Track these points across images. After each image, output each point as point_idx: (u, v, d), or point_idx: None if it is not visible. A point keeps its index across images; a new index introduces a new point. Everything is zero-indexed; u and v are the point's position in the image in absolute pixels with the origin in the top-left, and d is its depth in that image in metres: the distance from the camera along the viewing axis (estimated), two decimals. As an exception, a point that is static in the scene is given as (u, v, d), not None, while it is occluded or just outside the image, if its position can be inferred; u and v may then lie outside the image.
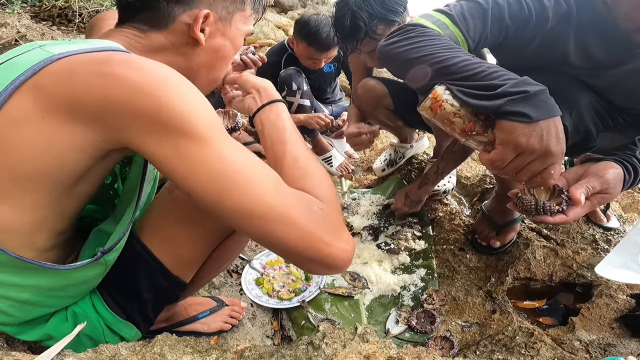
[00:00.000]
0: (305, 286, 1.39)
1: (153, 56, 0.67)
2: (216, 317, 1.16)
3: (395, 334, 1.24)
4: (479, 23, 0.95)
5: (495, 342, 1.12)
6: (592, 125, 1.00)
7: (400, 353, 0.79)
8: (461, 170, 1.87)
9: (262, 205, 0.59)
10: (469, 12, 0.95)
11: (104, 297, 0.84)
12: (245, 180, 0.59)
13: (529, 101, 0.74)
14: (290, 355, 0.83)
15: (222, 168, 0.59)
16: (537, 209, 0.86)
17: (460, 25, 0.94)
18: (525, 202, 0.88)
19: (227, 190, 0.58)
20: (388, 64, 1.04)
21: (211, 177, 0.58)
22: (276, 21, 4.32)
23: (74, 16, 2.77)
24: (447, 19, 0.95)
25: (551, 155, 0.75)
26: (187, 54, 0.72)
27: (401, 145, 1.98)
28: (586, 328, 1.14)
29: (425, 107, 0.82)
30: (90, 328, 0.81)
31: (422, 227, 1.64)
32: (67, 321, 0.81)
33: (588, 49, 0.94)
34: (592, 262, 1.34)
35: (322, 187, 0.68)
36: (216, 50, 0.74)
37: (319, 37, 1.88)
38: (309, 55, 1.96)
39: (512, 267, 1.36)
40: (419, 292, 1.38)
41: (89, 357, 0.77)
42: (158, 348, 0.83)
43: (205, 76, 0.76)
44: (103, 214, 0.88)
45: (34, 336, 0.79)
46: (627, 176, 0.92)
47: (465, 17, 0.95)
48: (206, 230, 0.85)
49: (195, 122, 0.59)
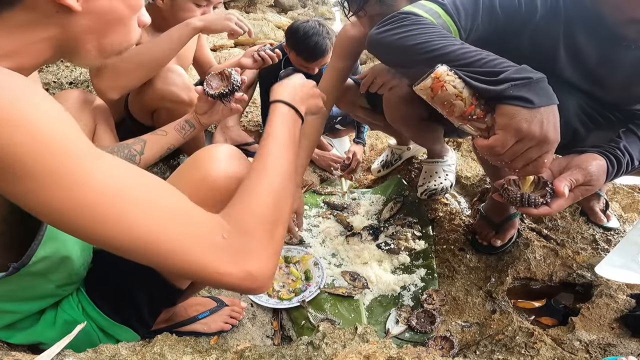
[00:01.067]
0: (305, 286, 1.39)
1: (20, 37, 0.56)
2: (216, 318, 1.16)
3: (395, 334, 1.24)
4: (470, 12, 0.95)
5: (495, 342, 1.12)
6: (580, 126, 1.01)
7: (400, 353, 0.79)
8: (461, 170, 1.87)
9: (146, 239, 0.54)
10: (461, 1, 0.96)
11: (96, 302, 0.83)
12: (120, 210, 0.53)
13: (532, 87, 0.75)
14: (290, 355, 0.83)
15: (93, 198, 0.51)
16: (522, 201, 0.88)
17: (452, 15, 0.94)
18: (511, 193, 0.90)
19: (100, 222, 0.52)
20: (380, 51, 1.03)
21: (83, 210, 0.51)
22: (276, 21, 4.32)
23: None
24: (439, 8, 0.95)
25: (548, 143, 0.76)
26: (64, 24, 0.59)
27: (398, 147, 1.98)
28: (586, 328, 1.14)
29: (425, 86, 0.79)
30: (82, 332, 0.80)
31: (422, 227, 1.64)
32: (54, 327, 0.81)
33: (577, 45, 0.95)
34: (592, 262, 1.34)
35: (257, 208, 0.65)
36: (101, 14, 0.62)
37: (307, 46, 1.83)
38: (299, 63, 1.93)
39: (512, 267, 1.36)
40: (419, 292, 1.38)
41: (89, 357, 0.77)
42: (158, 348, 0.83)
43: (96, 43, 0.64)
44: None
45: (22, 340, 0.80)
46: (610, 168, 0.92)
47: (457, 6, 0.95)
48: None
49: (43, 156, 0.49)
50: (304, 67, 1.92)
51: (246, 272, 0.59)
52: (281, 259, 1.51)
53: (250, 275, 0.60)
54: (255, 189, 0.68)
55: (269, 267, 0.63)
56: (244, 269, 0.59)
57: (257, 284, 0.61)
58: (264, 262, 0.62)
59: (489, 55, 0.81)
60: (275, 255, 0.65)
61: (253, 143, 2.01)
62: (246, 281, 0.60)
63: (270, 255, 0.64)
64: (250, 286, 0.61)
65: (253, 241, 0.62)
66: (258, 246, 0.62)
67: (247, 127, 2.25)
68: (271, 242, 0.64)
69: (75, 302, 0.83)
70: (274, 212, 0.66)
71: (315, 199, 1.90)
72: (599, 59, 0.97)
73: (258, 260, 0.62)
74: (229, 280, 0.59)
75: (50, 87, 2.18)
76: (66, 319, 0.82)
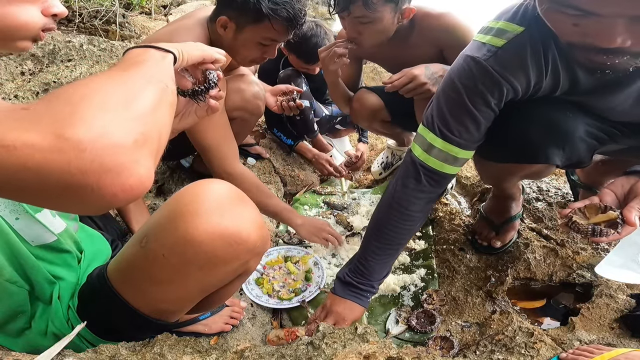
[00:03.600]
0: (305, 286, 1.39)
1: None
2: (217, 318, 1.16)
3: (395, 334, 1.24)
4: (466, 120, 0.99)
5: (495, 342, 1.12)
6: (586, 153, 1.04)
7: (400, 353, 0.79)
8: (461, 170, 1.87)
9: None
10: (450, 113, 1.00)
11: (87, 325, 0.81)
12: None
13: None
14: (290, 355, 0.83)
15: None
16: (594, 233, 0.90)
17: (449, 139, 1.01)
18: (581, 227, 0.91)
19: None
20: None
21: None
22: (276, 21, 4.31)
23: (74, 16, 2.76)
24: (434, 135, 1.03)
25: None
26: None
27: (398, 148, 1.98)
28: (586, 328, 1.14)
29: None
30: (72, 346, 0.80)
31: (422, 227, 1.64)
32: (46, 337, 0.81)
33: (576, 77, 0.95)
34: (592, 262, 1.34)
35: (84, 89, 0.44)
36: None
37: (306, 49, 1.83)
38: (299, 65, 1.93)
39: (512, 267, 1.36)
40: (419, 292, 1.38)
41: (89, 357, 0.77)
42: (158, 348, 0.83)
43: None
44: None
45: (15, 347, 0.80)
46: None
47: (448, 126, 1.00)
48: (187, 291, 0.78)
49: None
50: (304, 68, 1.92)
51: (59, 137, 0.38)
52: (281, 258, 1.51)
53: (61, 137, 0.38)
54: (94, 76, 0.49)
55: (107, 128, 0.40)
56: (53, 133, 0.39)
57: (88, 155, 0.39)
58: (93, 122, 0.40)
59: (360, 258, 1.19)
60: (123, 124, 0.42)
61: (254, 144, 2.01)
62: (59, 149, 0.38)
63: (105, 120, 0.41)
64: (73, 158, 0.38)
65: (71, 104, 0.41)
66: (84, 108, 0.41)
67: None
68: (109, 107, 0.43)
69: (65, 318, 0.82)
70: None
71: (315, 199, 1.90)
72: (594, 89, 0.96)
73: (79, 119, 0.40)
74: (28, 155, 0.38)
75: (50, 87, 2.18)
76: (56, 332, 0.82)
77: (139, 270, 0.76)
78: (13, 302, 0.78)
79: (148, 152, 0.44)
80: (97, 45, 2.68)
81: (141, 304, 0.78)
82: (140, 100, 0.47)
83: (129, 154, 0.41)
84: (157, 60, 0.59)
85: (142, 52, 0.59)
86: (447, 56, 1.43)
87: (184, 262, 0.70)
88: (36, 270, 0.78)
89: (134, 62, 0.56)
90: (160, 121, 0.48)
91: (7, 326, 0.80)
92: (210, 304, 0.94)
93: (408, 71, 1.33)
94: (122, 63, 0.56)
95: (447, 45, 1.42)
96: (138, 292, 0.78)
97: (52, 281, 0.82)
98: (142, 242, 0.73)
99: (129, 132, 0.42)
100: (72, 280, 0.86)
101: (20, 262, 0.76)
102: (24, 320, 0.81)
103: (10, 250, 0.74)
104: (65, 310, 0.82)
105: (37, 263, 0.78)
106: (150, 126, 0.45)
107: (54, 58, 2.54)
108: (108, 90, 0.45)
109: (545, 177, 1.62)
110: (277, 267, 1.47)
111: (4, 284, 0.74)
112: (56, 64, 2.29)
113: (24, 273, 0.77)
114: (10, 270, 0.74)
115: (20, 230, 0.75)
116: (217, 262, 0.72)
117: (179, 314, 0.87)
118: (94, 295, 0.82)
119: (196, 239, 0.67)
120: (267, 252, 1.51)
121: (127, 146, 0.41)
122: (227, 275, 0.79)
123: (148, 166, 0.43)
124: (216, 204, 0.70)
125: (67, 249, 0.84)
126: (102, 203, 0.41)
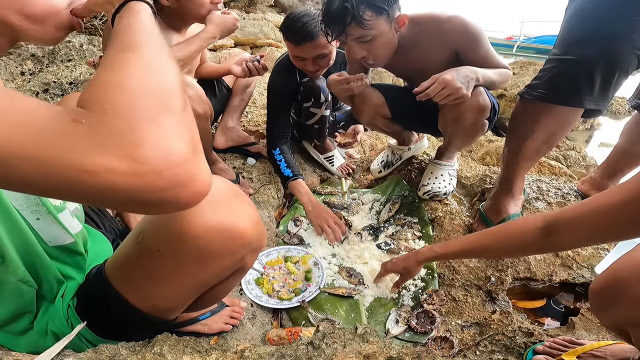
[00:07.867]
0: (305, 286, 1.39)
1: None
2: (217, 318, 1.16)
3: (395, 334, 1.24)
4: None
5: (495, 342, 1.12)
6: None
7: (400, 353, 0.79)
8: (461, 170, 1.87)
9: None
10: None
11: (87, 324, 0.82)
12: None
13: None
14: (290, 355, 0.83)
15: None
16: None
17: None
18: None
19: None
20: None
21: None
22: (276, 21, 4.32)
23: (74, 16, 2.76)
24: None
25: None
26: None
27: (399, 147, 1.98)
28: (586, 328, 1.14)
29: None
30: (71, 345, 0.80)
31: (422, 227, 1.64)
32: (46, 336, 0.81)
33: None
34: (592, 262, 1.34)
35: (125, 82, 0.45)
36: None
37: (293, 27, 1.63)
38: (292, 53, 1.74)
39: (512, 267, 1.36)
40: (419, 292, 1.38)
41: (89, 357, 0.77)
42: (158, 348, 0.83)
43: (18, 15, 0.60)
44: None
45: (17, 346, 0.81)
46: None
47: None
48: (183, 286, 0.78)
49: None
50: (297, 57, 1.73)
51: (133, 161, 0.40)
52: (281, 258, 1.51)
53: (137, 161, 0.40)
54: (118, 63, 0.48)
55: (171, 145, 0.42)
56: (127, 157, 0.40)
57: (165, 174, 0.41)
58: (156, 140, 0.41)
59: None
60: (177, 134, 0.44)
61: (254, 143, 2.01)
62: (138, 173, 0.40)
63: (163, 134, 0.42)
64: (153, 180, 0.41)
65: (125, 119, 0.42)
66: (138, 123, 0.42)
67: (248, 127, 2.25)
68: (157, 117, 0.44)
69: (64, 317, 0.83)
70: (153, 85, 0.47)
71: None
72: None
73: (142, 139, 0.41)
74: (113, 179, 0.39)
75: (50, 87, 2.18)
76: (56, 332, 0.82)
77: (136, 266, 0.76)
78: (23, 301, 0.79)
79: (201, 154, 0.47)
80: (97, 45, 2.68)
81: (138, 301, 0.78)
82: (172, 93, 0.48)
83: (193, 164, 0.44)
84: (147, 15, 0.59)
85: (130, 14, 0.58)
86: (463, 58, 1.43)
87: (179, 257, 0.70)
88: (48, 269, 0.79)
89: (132, 31, 0.55)
90: (189, 112, 0.49)
91: (11, 325, 0.80)
92: (208, 301, 0.94)
93: (439, 77, 1.28)
94: (123, 34, 0.54)
95: (463, 47, 1.42)
96: (135, 288, 0.78)
97: (62, 280, 0.83)
98: (138, 238, 0.73)
99: (184, 141, 0.44)
100: (80, 280, 0.86)
101: (33, 262, 0.76)
102: (28, 320, 0.81)
103: (26, 250, 0.74)
104: (65, 309, 0.83)
105: (50, 263, 0.78)
106: (190, 123, 0.47)
107: (54, 58, 2.54)
108: (145, 90, 0.46)
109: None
110: (277, 267, 1.47)
111: (17, 284, 0.75)
112: (56, 64, 2.29)
113: (35, 272, 0.78)
114: (23, 270, 0.75)
115: (40, 230, 0.75)
116: (213, 257, 0.72)
117: (176, 311, 0.87)
118: (92, 293, 0.82)
119: (191, 233, 0.67)
120: (267, 252, 1.52)
121: (190, 157, 0.44)
122: (223, 270, 0.79)
123: (206, 167, 0.47)
124: (211, 198, 0.68)
125: (81, 251, 0.85)
126: (176, 209, 0.45)
